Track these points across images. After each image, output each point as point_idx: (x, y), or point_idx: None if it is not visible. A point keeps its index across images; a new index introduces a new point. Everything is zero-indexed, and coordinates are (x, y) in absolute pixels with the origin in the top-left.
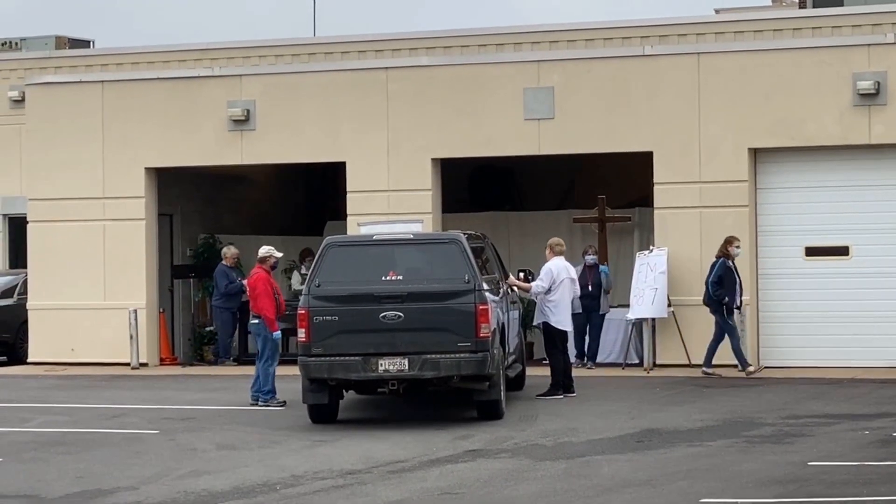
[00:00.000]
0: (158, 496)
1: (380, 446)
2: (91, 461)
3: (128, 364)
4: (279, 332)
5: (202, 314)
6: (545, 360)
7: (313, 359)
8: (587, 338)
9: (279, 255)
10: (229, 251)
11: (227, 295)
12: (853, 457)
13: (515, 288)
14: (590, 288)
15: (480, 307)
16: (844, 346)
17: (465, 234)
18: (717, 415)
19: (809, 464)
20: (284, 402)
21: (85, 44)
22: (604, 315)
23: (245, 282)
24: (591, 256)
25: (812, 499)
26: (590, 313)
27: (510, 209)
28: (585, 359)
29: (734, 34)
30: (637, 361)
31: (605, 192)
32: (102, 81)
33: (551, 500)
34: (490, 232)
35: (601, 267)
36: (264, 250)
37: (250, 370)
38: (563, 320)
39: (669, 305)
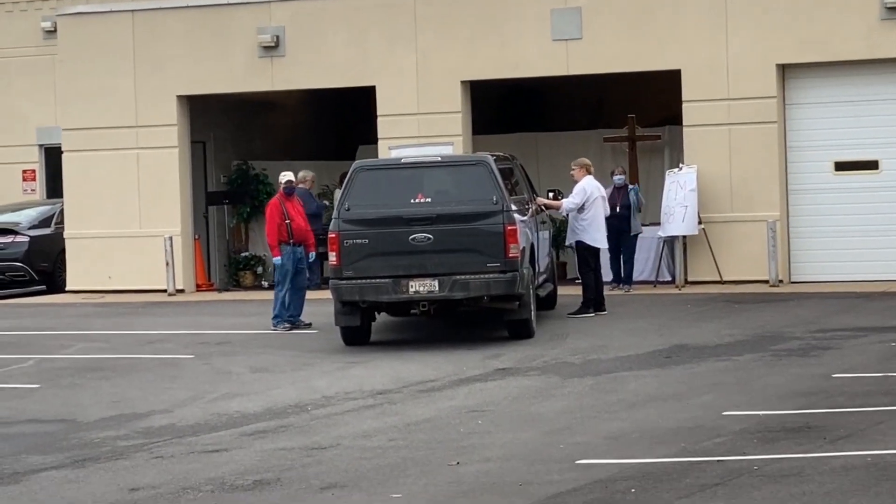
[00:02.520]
0: (192, 418)
1: (410, 367)
2: (126, 386)
3: (164, 291)
4: (279, 258)
5: (237, 240)
6: (578, 279)
7: (345, 282)
8: (621, 261)
9: (288, 176)
10: (308, 174)
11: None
12: (878, 368)
13: (545, 207)
14: (618, 209)
15: (509, 227)
16: (874, 260)
17: (493, 155)
18: (745, 330)
19: (834, 376)
20: (289, 326)
21: None
22: (636, 236)
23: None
24: (619, 177)
25: (833, 410)
26: (620, 235)
27: (541, 129)
28: (621, 283)
29: None
30: (669, 279)
31: (636, 112)
32: (133, 10)
33: (577, 415)
34: (520, 153)
35: (631, 187)
36: (279, 176)
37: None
38: (597, 238)
39: (700, 223)
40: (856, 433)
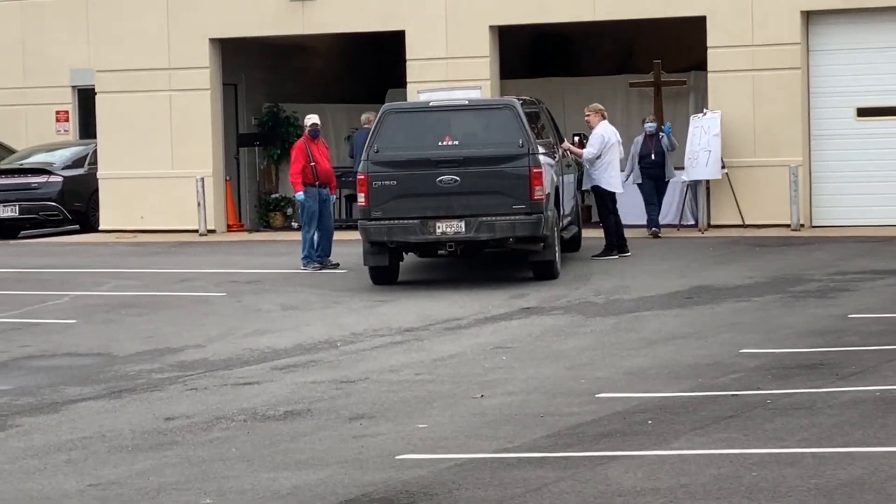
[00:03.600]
0: (224, 353)
1: (437, 305)
2: (160, 322)
3: (195, 231)
4: (301, 193)
5: (268, 182)
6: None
7: (373, 222)
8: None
9: (313, 119)
10: (370, 115)
11: None
12: (893, 309)
13: (570, 152)
14: (653, 157)
15: (534, 170)
16: (894, 205)
17: (519, 99)
18: (766, 272)
19: (849, 316)
20: (318, 266)
21: None
22: (668, 182)
23: None
24: (650, 124)
25: (846, 348)
26: (657, 181)
27: (569, 76)
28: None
29: None
30: (692, 223)
31: (664, 58)
32: None
33: (598, 352)
34: (547, 98)
35: (665, 126)
36: (305, 119)
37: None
38: (613, 182)
39: (723, 167)
40: (867, 370)
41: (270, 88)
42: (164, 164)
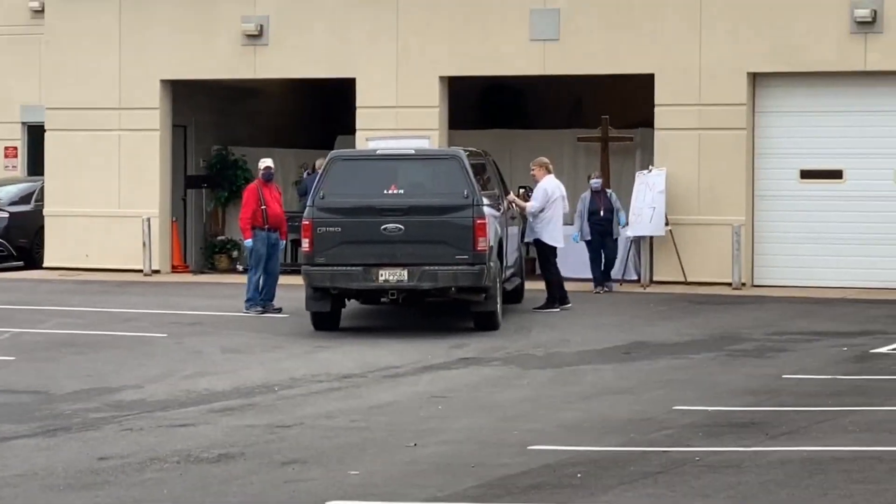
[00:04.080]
0: (161, 394)
1: (378, 353)
2: (100, 361)
3: (140, 271)
4: (250, 240)
5: (214, 224)
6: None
7: (316, 268)
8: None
9: (267, 162)
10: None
11: None
12: (828, 371)
13: (514, 205)
14: (602, 213)
15: (478, 221)
16: (836, 267)
17: (465, 150)
18: (704, 330)
19: (784, 376)
20: (261, 310)
21: None
22: (617, 239)
23: None
24: (596, 181)
25: (778, 408)
26: (604, 237)
27: (518, 127)
28: (604, 285)
29: None
30: (635, 278)
31: (613, 113)
32: None
33: (533, 404)
34: (496, 149)
35: (616, 209)
36: (259, 162)
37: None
38: (555, 236)
39: (667, 224)
40: (797, 430)
41: (220, 131)
42: (111, 203)
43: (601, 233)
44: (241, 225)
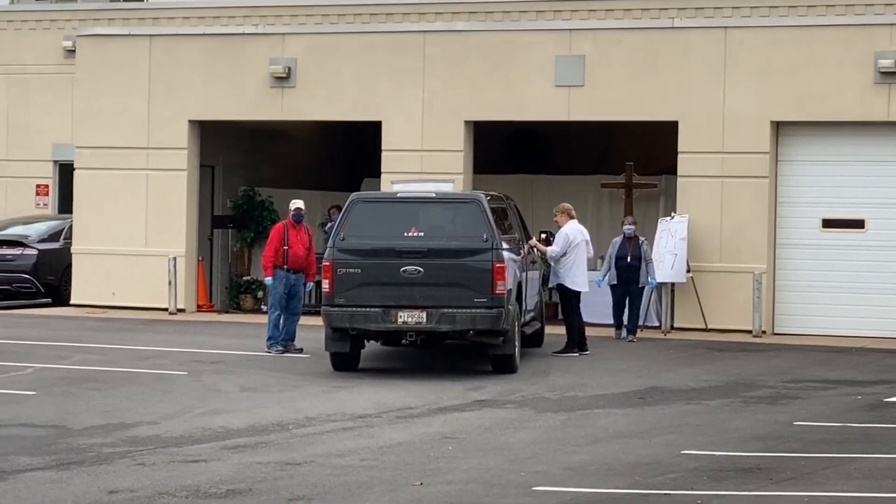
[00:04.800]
0: (177, 431)
1: (394, 394)
2: (119, 397)
3: (165, 309)
4: (270, 278)
5: (240, 263)
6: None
7: (336, 309)
8: (626, 310)
9: (297, 204)
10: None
11: None
12: (839, 419)
13: (535, 250)
14: (629, 259)
15: (497, 265)
16: (857, 317)
17: (486, 194)
18: (721, 376)
19: (795, 423)
20: (282, 349)
21: None
22: (643, 287)
23: None
24: (629, 227)
25: (786, 454)
26: (629, 285)
27: (544, 173)
28: (625, 331)
29: (768, 8)
30: (656, 324)
31: (638, 160)
32: (150, 35)
33: (543, 446)
34: (520, 194)
35: (651, 281)
36: (290, 203)
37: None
38: (578, 281)
39: (688, 271)
40: (802, 476)
41: (247, 172)
42: (138, 241)
43: (626, 280)
44: (263, 262)
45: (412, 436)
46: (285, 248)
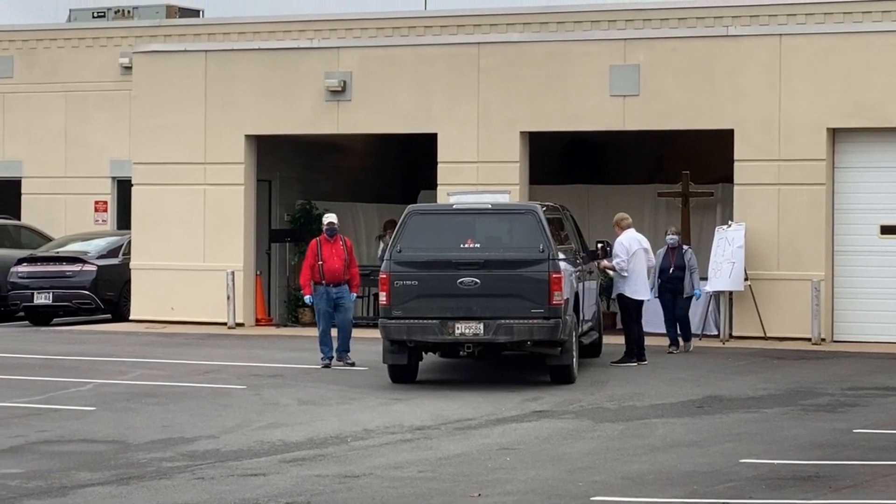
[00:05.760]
0: (235, 444)
1: (452, 405)
2: (178, 412)
3: (224, 324)
4: (309, 296)
5: (298, 277)
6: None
7: (393, 321)
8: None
9: (330, 218)
10: None
11: None
12: None
13: (609, 270)
14: (671, 270)
15: (554, 276)
16: None
17: (542, 205)
18: (780, 385)
19: (854, 431)
20: (327, 364)
21: (194, 13)
22: (689, 298)
23: None
24: (672, 237)
25: (845, 462)
26: (674, 295)
27: (600, 182)
28: (680, 344)
29: (823, 15)
30: (715, 333)
31: (695, 168)
32: (206, 51)
33: (601, 456)
34: (576, 204)
35: (696, 291)
36: (323, 217)
37: (356, 333)
38: (637, 290)
39: (746, 279)
40: (861, 484)
41: (304, 185)
42: (196, 256)
43: (671, 290)
44: (300, 282)
45: (470, 447)
46: (320, 263)
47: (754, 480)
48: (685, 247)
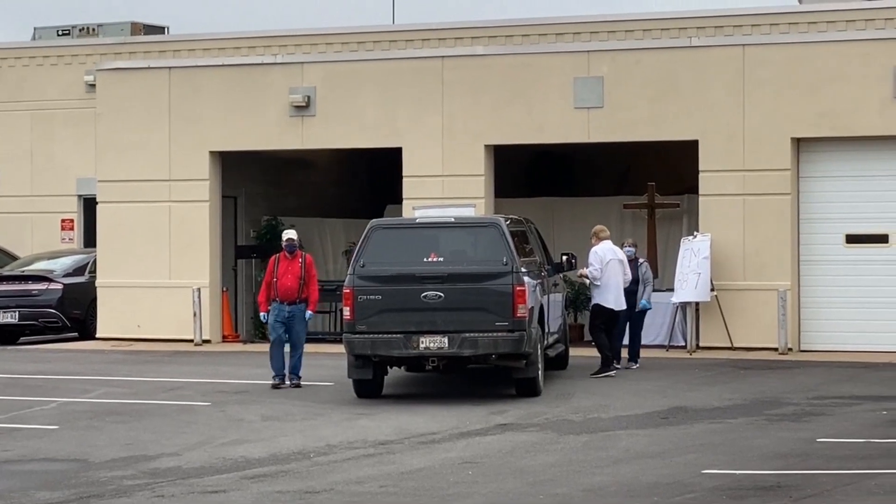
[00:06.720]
0: (198, 462)
1: (416, 419)
2: (141, 430)
3: (191, 341)
4: (264, 313)
5: None
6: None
7: (357, 336)
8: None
9: (289, 234)
10: None
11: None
12: (863, 434)
13: (586, 280)
14: (629, 283)
15: (518, 288)
16: (882, 332)
17: (506, 218)
18: (746, 395)
19: (818, 440)
20: (276, 385)
21: (159, 30)
22: (644, 312)
23: None
24: (629, 249)
25: (807, 471)
26: (630, 309)
27: (567, 195)
28: (627, 360)
29: (788, 25)
30: (682, 344)
31: (660, 180)
32: (170, 67)
33: (564, 469)
34: (541, 217)
35: (642, 302)
36: (283, 233)
37: (322, 348)
38: (610, 299)
39: (713, 290)
40: (822, 493)
41: (270, 201)
42: (162, 273)
43: (627, 304)
44: (258, 299)
45: (433, 461)
46: (275, 280)
47: (715, 491)
48: (640, 259)
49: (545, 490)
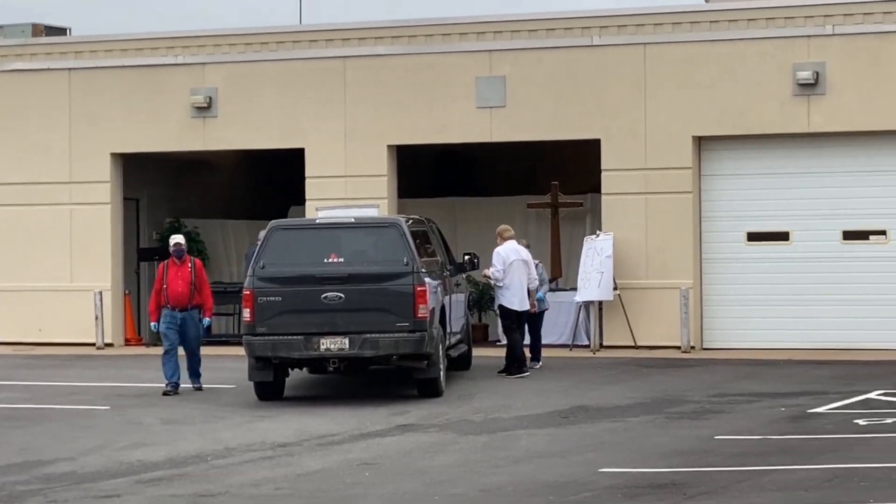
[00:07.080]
0: (93, 466)
1: (317, 421)
2: (38, 434)
3: (93, 344)
4: (155, 323)
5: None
6: (499, 341)
7: (257, 338)
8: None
9: (176, 239)
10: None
11: None
12: (760, 431)
13: (491, 281)
14: None
15: (418, 289)
16: (783, 329)
17: (407, 218)
18: (647, 393)
19: (716, 438)
20: (167, 392)
21: (62, 31)
22: (541, 313)
23: None
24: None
25: (703, 469)
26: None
27: (473, 195)
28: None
29: (690, 24)
30: (586, 343)
31: (565, 179)
32: (69, 69)
33: (462, 469)
34: (445, 217)
35: (539, 293)
36: (170, 239)
37: (224, 350)
38: (514, 300)
39: (615, 288)
40: (716, 490)
41: (173, 203)
42: (64, 277)
43: None
44: (149, 308)
45: (331, 463)
46: (164, 286)
47: (611, 489)
48: (536, 261)
49: (442, 490)
